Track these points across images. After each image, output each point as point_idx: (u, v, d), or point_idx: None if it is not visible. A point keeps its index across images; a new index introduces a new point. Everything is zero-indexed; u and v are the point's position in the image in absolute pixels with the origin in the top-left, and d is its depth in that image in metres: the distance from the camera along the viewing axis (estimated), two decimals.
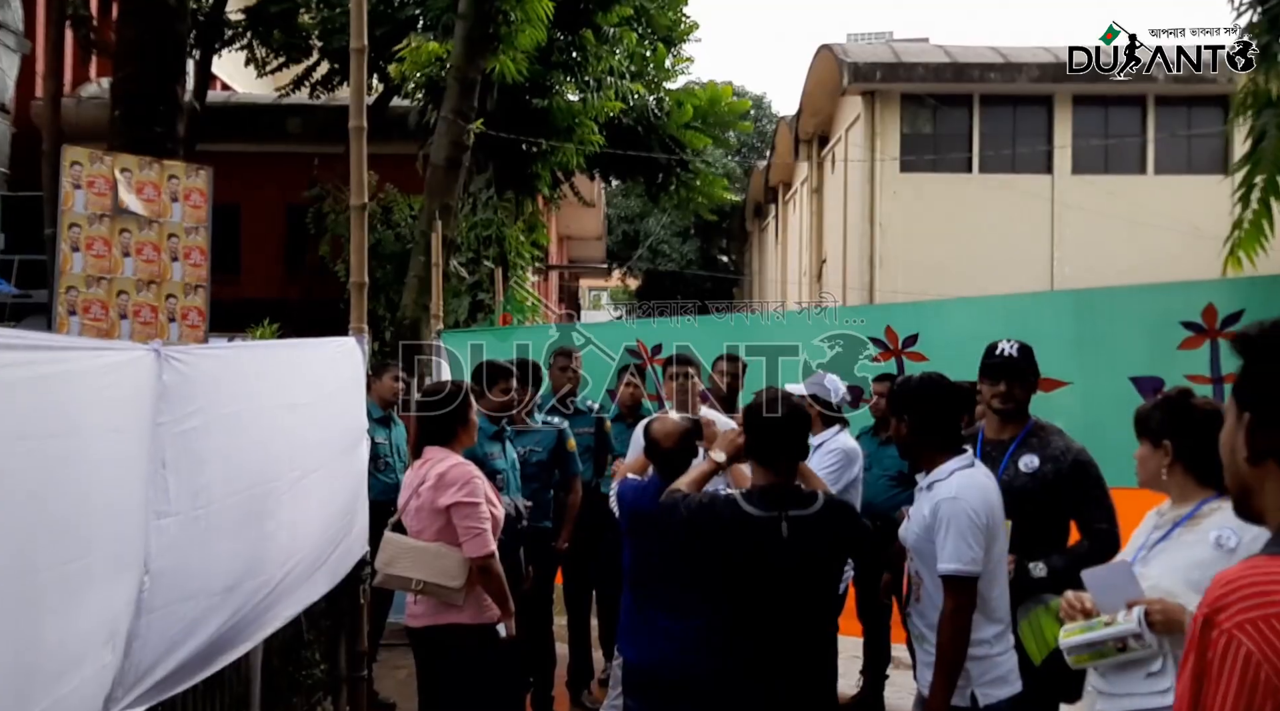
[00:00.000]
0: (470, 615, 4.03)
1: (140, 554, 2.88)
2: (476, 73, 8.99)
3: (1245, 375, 1.54)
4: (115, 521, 2.76)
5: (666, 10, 15.10)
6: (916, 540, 3.41)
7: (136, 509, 2.88)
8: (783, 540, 3.27)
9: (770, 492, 3.35)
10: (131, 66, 6.60)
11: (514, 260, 12.80)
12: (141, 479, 2.91)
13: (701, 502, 3.42)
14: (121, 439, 2.80)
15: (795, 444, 3.43)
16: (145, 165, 5.39)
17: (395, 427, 6.54)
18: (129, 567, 2.83)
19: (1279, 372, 1.48)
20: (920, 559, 3.43)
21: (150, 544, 2.93)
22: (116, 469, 2.77)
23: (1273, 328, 1.53)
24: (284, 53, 14.72)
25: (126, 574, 2.82)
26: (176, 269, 5.45)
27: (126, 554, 2.81)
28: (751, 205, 32.94)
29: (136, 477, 2.89)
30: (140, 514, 2.90)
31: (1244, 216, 5.68)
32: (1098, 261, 18.07)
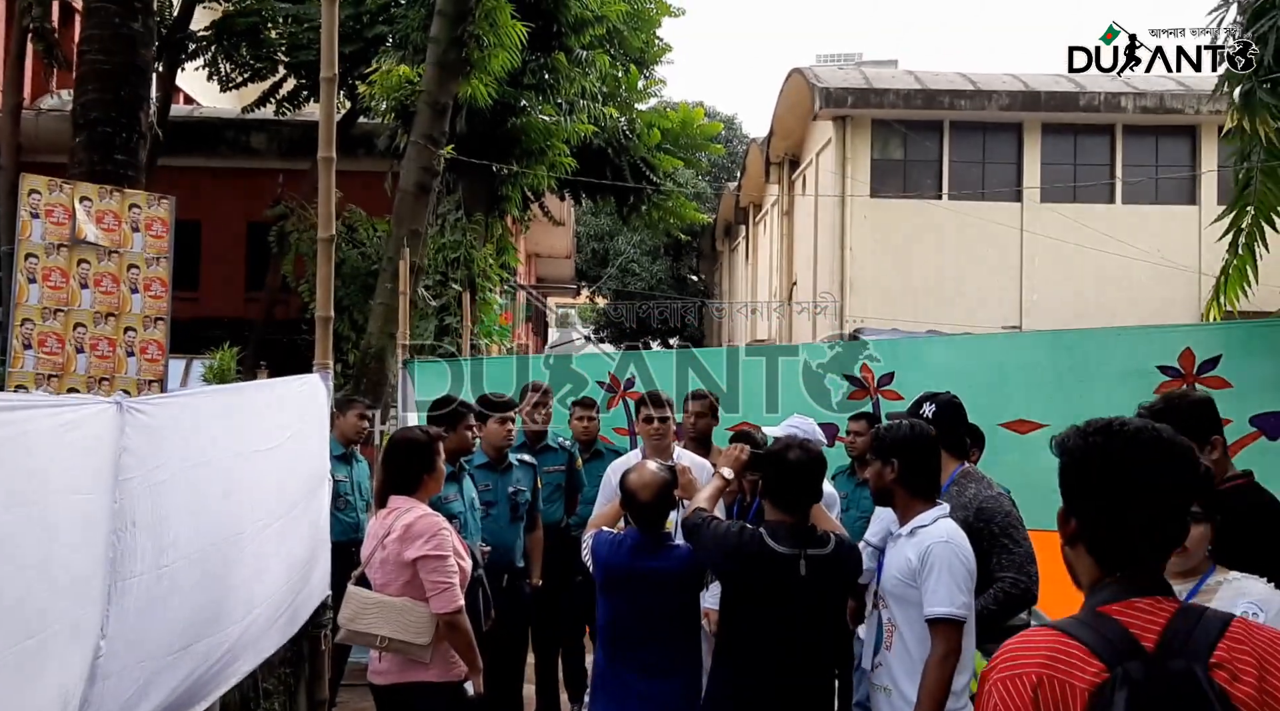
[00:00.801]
0: (437, 672, 3.88)
1: (99, 620, 2.72)
2: (448, 97, 8.86)
3: (1060, 472, 1.78)
4: (75, 589, 2.61)
5: (639, 32, 15.05)
6: (896, 586, 3.40)
7: (98, 572, 2.72)
8: (800, 577, 3.38)
9: (791, 531, 3.45)
10: (94, 92, 6.40)
11: (482, 283, 12.65)
12: (104, 540, 2.75)
13: (731, 529, 3.53)
14: (83, 500, 2.65)
15: (814, 487, 3.54)
16: (106, 194, 5.21)
17: (357, 465, 6.38)
18: (86, 635, 2.67)
19: (1074, 477, 1.75)
20: (899, 605, 3.40)
21: (111, 608, 2.77)
22: (78, 532, 2.62)
23: (1082, 435, 1.75)
24: (249, 68, 14.50)
25: (83, 641, 2.66)
26: (136, 300, 5.26)
27: (85, 621, 2.66)
28: (722, 225, 32.95)
29: (99, 539, 2.73)
30: (102, 577, 2.74)
31: (1230, 262, 5.69)
32: (1066, 290, 18.19)
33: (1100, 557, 1.72)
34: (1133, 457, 1.69)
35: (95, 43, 6.50)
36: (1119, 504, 1.69)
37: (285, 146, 17.68)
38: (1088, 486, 1.72)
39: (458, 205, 12.80)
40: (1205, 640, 1.60)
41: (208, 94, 19.56)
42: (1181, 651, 1.58)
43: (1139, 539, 1.69)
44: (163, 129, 11.57)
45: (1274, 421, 5.12)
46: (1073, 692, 1.58)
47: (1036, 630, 1.73)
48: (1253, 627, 1.66)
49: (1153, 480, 1.68)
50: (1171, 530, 1.71)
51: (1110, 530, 1.70)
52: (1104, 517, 1.70)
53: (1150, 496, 1.68)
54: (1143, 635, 1.61)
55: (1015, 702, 1.61)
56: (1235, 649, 1.60)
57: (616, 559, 3.78)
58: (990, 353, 6.27)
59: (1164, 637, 1.60)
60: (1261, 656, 1.60)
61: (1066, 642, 1.63)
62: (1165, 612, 1.63)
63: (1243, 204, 5.80)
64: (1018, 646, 1.68)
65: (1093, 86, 18.96)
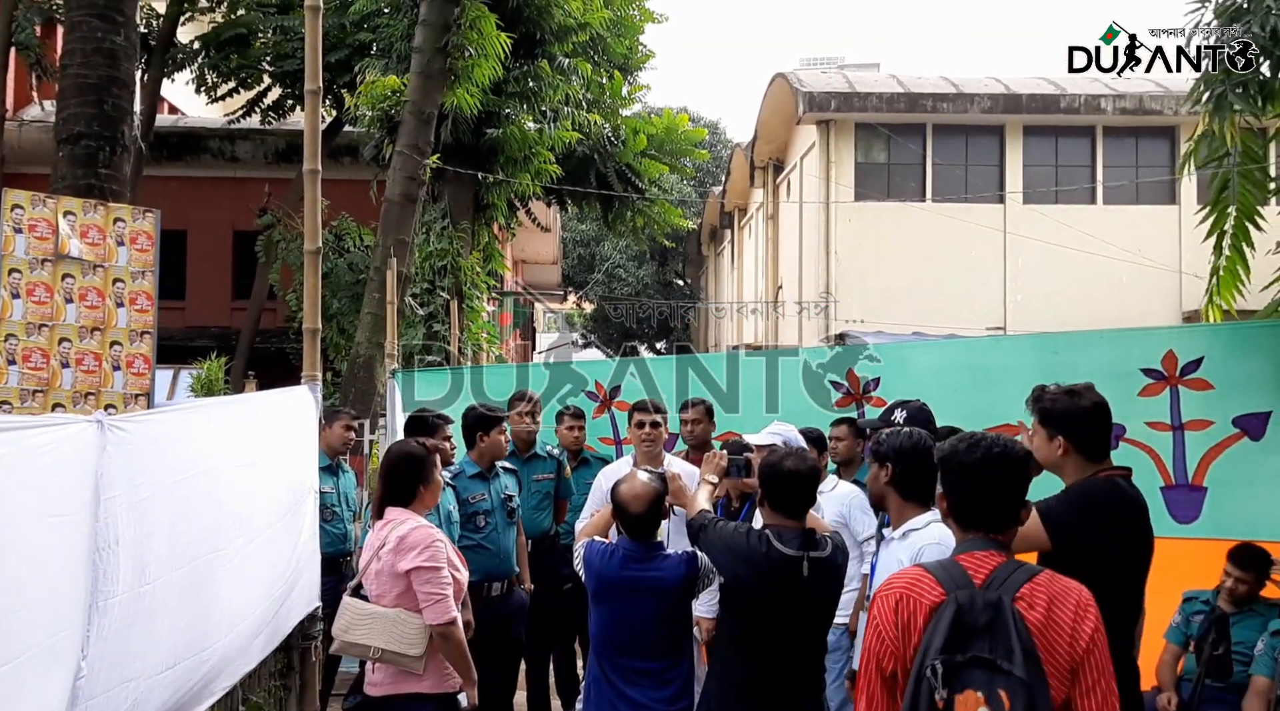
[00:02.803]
0: (431, 684, 3.88)
1: (78, 642, 2.71)
2: (433, 107, 8.88)
3: (939, 468, 2.60)
4: (54, 612, 2.58)
5: (622, 39, 15.10)
6: None
7: (78, 594, 2.71)
8: (803, 579, 3.47)
9: (794, 534, 3.54)
10: (76, 105, 6.38)
11: (469, 291, 12.66)
12: (84, 561, 2.74)
13: (739, 531, 3.64)
14: (62, 522, 2.64)
15: (812, 493, 3.67)
16: (90, 208, 5.19)
17: (343, 476, 6.37)
18: (65, 659, 2.65)
19: (944, 472, 2.56)
20: None
21: (91, 630, 2.76)
22: (57, 555, 2.60)
23: (951, 445, 2.55)
24: (235, 78, 14.49)
25: (63, 666, 2.65)
26: (122, 315, 5.25)
27: (63, 645, 2.64)
28: (707, 229, 32.99)
29: (79, 560, 2.72)
30: (82, 599, 2.73)
31: (1219, 264, 5.74)
32: (1049, 290, 18.26)
33: (961, 524, 2.51)
34: (976, 461, 2.48)
35: (77, 56, 6.47)
36: (965, 490, 2.50)
37: (271, 155, 17.69)
38: (951, 478, 2.52)
39: (444, 213, 12.81)
40: (1016, 582, 2.35)
41: (193, 104, 19.54)
42: (999, 587, 2.33)
43: (979, 514, 2.48)
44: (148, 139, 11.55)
45: (1256, 422, 5.17)
46: (919, 606, 2.35)
47: (910, 567, 2.59)
48: (1054, 577, 2.39)
49: (985, 475, 2.47)
50: (1001, 509, 2.48)
51: (961, 508, 2.50)
52: (958, 499, 2.51)
53: (983, 485, 2.48)
54: (975, 574, 2.38)
55: (884, 611, 2.40)
56: (1036, 589, 2.35)
57: (609, 568, 3.79)
58: (976, 356, 6.31)
59: (990, 577, 2.36)
60: (1053, 596, 2.35)
61: (923, 575, 2.42)
62: (994, 562, 2.40)
63: (1222, 206, 5.85)
64: (895, 576, 2.51)
65: (1073, 88, 19.08)
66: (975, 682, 2.20)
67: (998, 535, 2.47)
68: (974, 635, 2.24)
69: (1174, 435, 5.37)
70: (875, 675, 2.41)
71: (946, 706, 2.19)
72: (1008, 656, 2.20)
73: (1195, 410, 5.32)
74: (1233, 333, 5.54)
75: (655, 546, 3.90)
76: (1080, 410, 3.40)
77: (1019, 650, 2.21)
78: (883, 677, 2.39)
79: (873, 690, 2.42)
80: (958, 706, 2.18)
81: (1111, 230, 18.14)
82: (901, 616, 2.36)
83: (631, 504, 3.83)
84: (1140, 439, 5.38)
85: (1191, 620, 5.03)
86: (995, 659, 2.21)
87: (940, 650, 2.23)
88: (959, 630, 2.25)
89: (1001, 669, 2.19)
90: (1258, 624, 4.81)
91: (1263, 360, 5.21)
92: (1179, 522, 5.31)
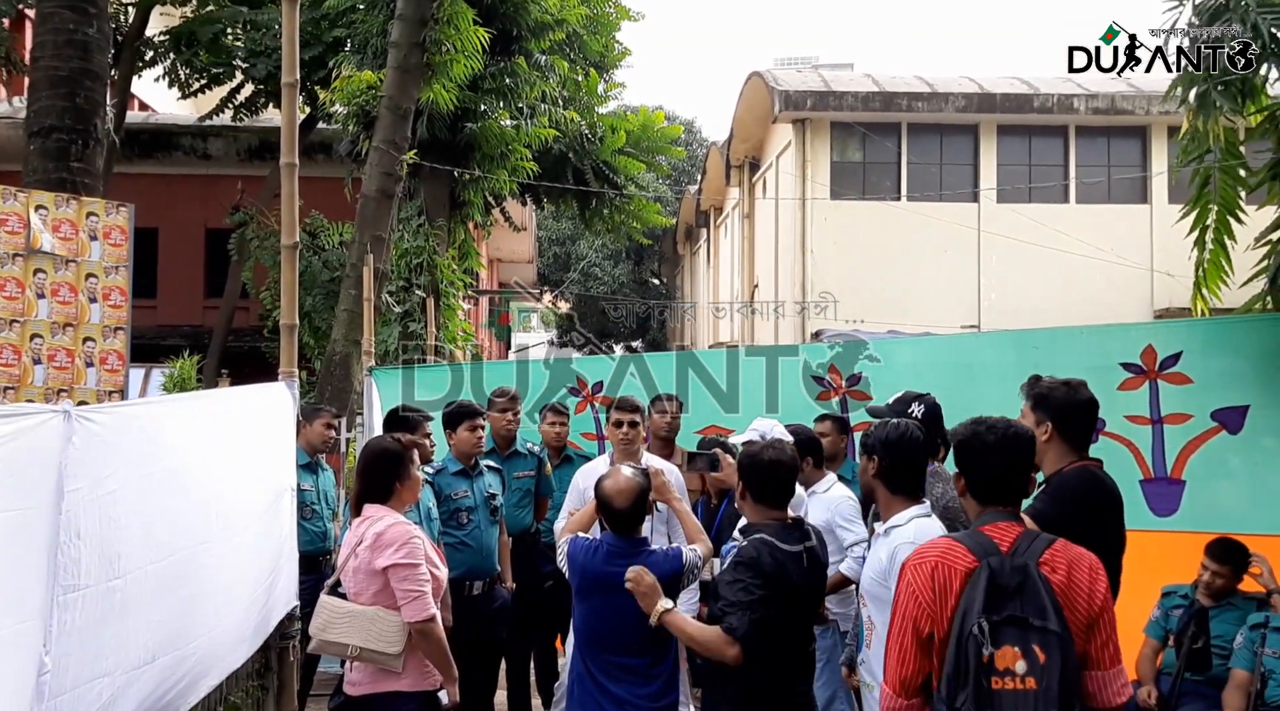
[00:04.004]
0: (410, 681, 3.82)
1: (40, 635, 2.65)
2: (410, 102, 8.80)
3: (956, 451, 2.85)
4: (14, 605, 2.52)
5: (598, 37, 15.06)
6: (871, 584, 3.50)
7: (37, 587, 2.64)
8: (804, 570, 3.48)
9: (786, 528, 3.53)
10: (48, 98, 6.26)
11: (445, 289, 12.59)
12: (46, 554, 2.68)
13: (748, 571, 3.41)
14: (22, 515, 2.58)
15: (792, 482, 3.65)
16: (62, 202, 5.10)
17: (322, 474, 6.31)
18: (25, 651, 2.58)
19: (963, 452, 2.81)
20: (875, 604, 3.49)
21: (53, 624, 2.70)
22: (16, 547, 2.54)
23: (967, 426, 2.82)
24: (208, 74, 14.32)
25: (22, 657, 2.58)
26: (95, 310, 5.16)
27: (22, 637, 2.58)
28: (683, 228, 32.99)
29: (40, 554, 2.66)
30: (42, 592, 2.66)
31: (1203, 258, 5.77)
32: (1023, 289, 18.39)
33: (979, 499, 2.76)
34: (996, 441, 2.74)
35: (49, 48, 6.36)
36: (986, 469, 2.74)
37: (244, 152, 17.54)
38: (972, 459, 2.77)
39: (420, 211, 12.73)
40: (1038, 548, 2.59)
41: (164, 101, 19.34)
42: (1024, 553, 2.57)
43: (999, 490, 2.74)
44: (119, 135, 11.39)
45: (1234, 416, 5.21)
46: (954, 572, 2.57)
47: (938, 538, 2.81)
48: (1068, 545, 2.64)
49: (1002, 454, 2.74)
50: (1015, 484, 2.75)
51: (982, 485, 2.76)
52: (979, 477, 2.76)
53: (1000, 463, 2.74)
54: (1000, 542, 2.61)
55: (920, 578, 2.61)
56: (1055, 555, 2.59)
57: (593, 564, 3.76)
58: (957, 352, 6.33)
59: (1014, 545, 2.60)
60: (1070, 561, 2.60)
61: (955, 544, 2.64)
62: (1015, 532, 2.65)
63: (1204, 202, 5.88)
64: (926, 546, 2.74)
65: (1046, 88, 19.23)
66: (1011, 639, 2.43)
67: (1013, 508, 2.76)
68: (1006, 597, 2.48)
69: (1153, 429, 5.41)
70: (910, 636, 2.61)
71: (989, 660, 2.42)
72: (1040, 614, 2.45)
73: (1174, 404, 5.35)
74: (1211, 327, 5.57)
75: (639, 542, 3.87)
76: (1074, 402, 3.53)
77: (1050, 608, 2.46)
78: (918, 639, 2.59)
79: (905, 649, 2.62)
80: (997, 660, 2.42)
81: (1084, 229, 18.29)
82: (938, 582, 2.57)
83: (616, 499, 3.79)
84: (1120, 432, 5.41)
85: (1170, 614, 5.05)
86: (1028, 617, 2.44)
87: (981, 611, 2.45)
88: (993, 592, 2.48)
89: (1034, 626, 2.43)
90: (1236, 617, 4.84)
91: (1241, 354, 5.26)
92: (1158, 516, 5.35)
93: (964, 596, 2.52)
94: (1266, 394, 5.16)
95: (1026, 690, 2.40)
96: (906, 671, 2.62)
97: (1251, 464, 5.20)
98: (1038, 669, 2.40)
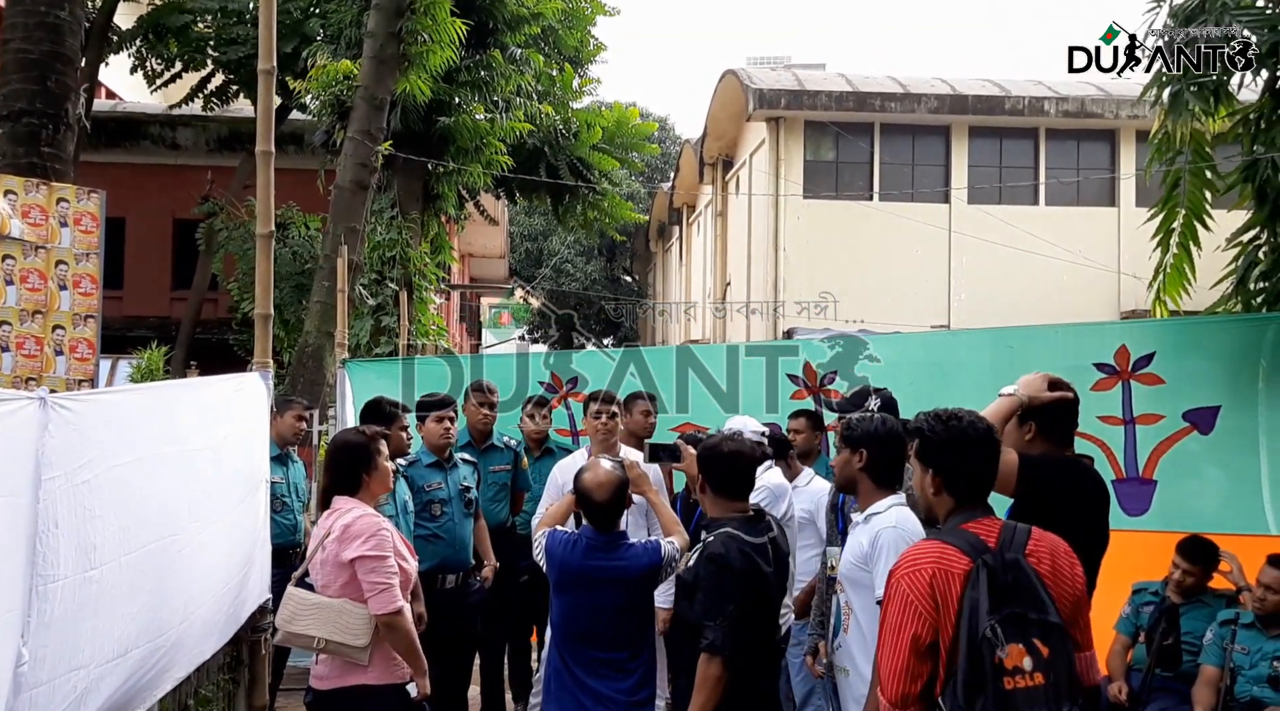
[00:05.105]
0: (377, 675, 3.76)
1: (17, 628, 2.60)
2: (385, 93, 8.73)
3: (927, 448, 2.78)
4: None
5: (574, 31, 15.01)
6: (851, 569, 3.54)
7: (16, 578, 2.60)
8: (769, 559, 3.47)
9: (749, 520, 3.52)
10: (18, 82, 6.14)
11: (418, 282, 12.50)
12: (25, 545, 2.63)
13: (717, 567, 3.42)
14: (3, 503, 2.53)
15: (752, 474, 3.65)
16: (32, 187, 5.01)
17: (293, 466, 6.25)
18: (3, 643, 2.54)
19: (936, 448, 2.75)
20: (854, 589, 3.54)
21: (32, 615, 2.65)
22: None
23: (937, 420, 2.76)
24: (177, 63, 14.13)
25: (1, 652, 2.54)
26: (65, 298, 5.07)
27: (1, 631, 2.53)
28: (655, 225, 32.98)
29: (19, 544, 2.61)
30: (20, 583, 2.62)
31: (1165, 261, 5.82)
32: (991, 289, 18.53)
33: (956, 497, 2.72)
34: (974, 436, 2.72)
35: (19, 30, 6.24)
36: (963, 463, 2.71)
37: (213, 142, 17.33)
38: (952, 456, 2.72)
39: (393, 203, 12.64)
40: (1021, 541, 2.61)
41: (131, 89, 19.08)
42: (1010, 547, 2.58)
43: (974, 483, 2.72)
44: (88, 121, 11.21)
45: (1206, 416, 5.26)
46: (953, 576, 2.53)
47: (924, 542, 2.74)
48: (1043, 533, 2.68)
49: (985, 450, 2.74)
50: (988, 478, 2.76)
51: (963, 482, 2.71)
52: (960, 474, 2.71)
53: (983, 459, 2.73)
54: (987, 539, 2.60)
55: (918, 586, 2.56)
56: (1037, 545, 2.64)
57: (571, 558, 3.75)
58: (932, 350, 6.36)
59: (1000, 540, 2.60)
60: (1051, 549, 2.65)
61: (946, 547, 2.60)
62: (996, 526, 2.65)
63: (1172, 204, 5.94)
64: (916, 553, 2.67)
65: (1017, 91, 19.38)
66: (1014, 636, 2.43)
67: (984, 500, 2.77)
68: (1005, 593, 2.48)
69: (1125, 429, 5.46)
70: (908, 649, 2.56)
71: (1000, 662, 2.41)
72: (1038, 607, 2.47)
73: (1147, 404, 5.40)
74: (1184, 328, 5.63)
75: (618, 536, 3.86)
76: (1059, 402, 3.51)
77: (1047, 600, 2.49)
78: (917, 651, 2.55)
79: (902, 662, 2.57)
80: (1006, 660, 2.42)
81: (1053, 231, 18.47)
82: (938, 588, 2.54)
83: (596, 492, 3.78)
84: (1092, 433, 5.45)
85: (1141, 611, 5.11)
86: (1026, 612, 2.46)
87: (988, 612, 2.44)
88: (994, 591, 2.48)
89: (1032, 619, 2.45)
90: (1206, 614, 4.90)
91: (1213, 355, 5.31)
92: (1129, 515, 5.40)
93: (966, 598, 2.49)
94: (1238, 395, 5.21)
95: (1037, 685, 2.40)
96: (907, 686, 2.57)
97: (1222, 464, 5.26)
98: (1043, 662, 2.41)
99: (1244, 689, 4.56)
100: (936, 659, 2.55)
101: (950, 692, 2.49)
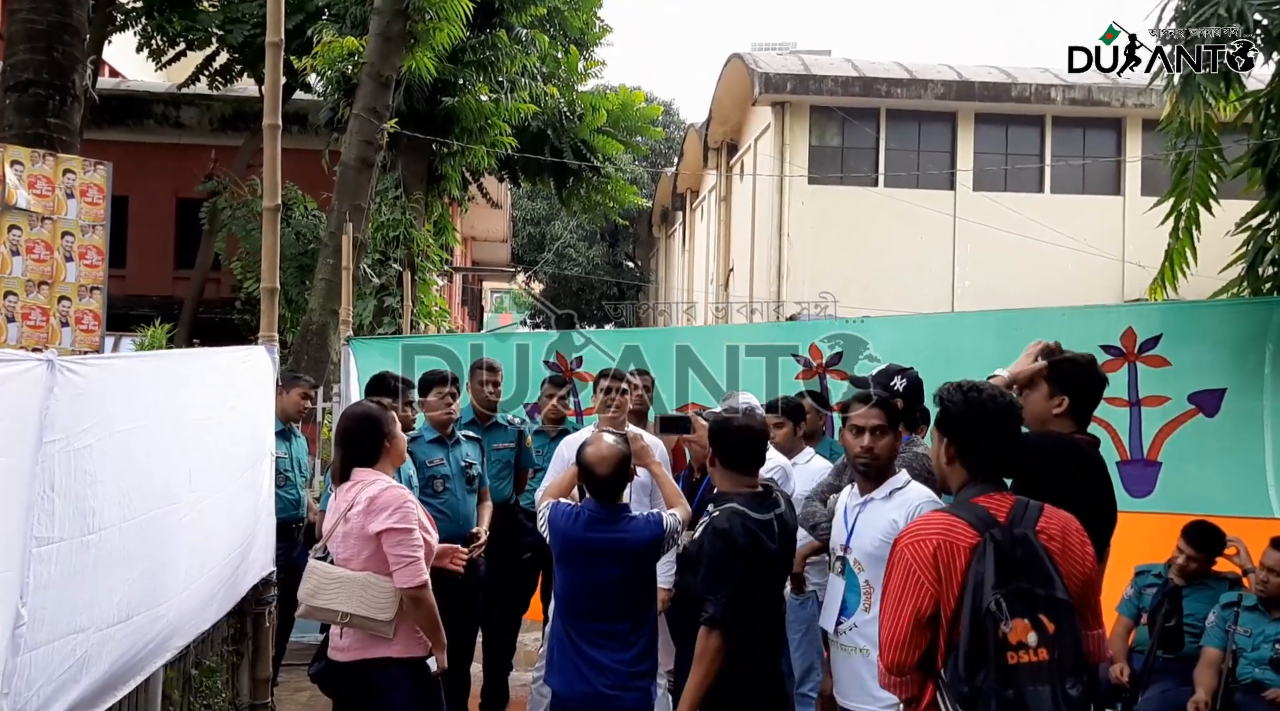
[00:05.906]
0: (400, 648, 3.76)
1: (16, 589, 2.60)
2: (392, 70, 8.70)
3: (945, 417, 2.78)
4: None
5: (580, 12, 14.96)
6: (878, 547, 3.45)
7: (14, 538, 2.60)
8: (775, 536, 3.47)
9: (756, 496, 3.52)
10: (25, 52, 6.12)
11: (422, 263, 12.48)
12: (22, 504, 2.63)
13: (720, 540, 3.41)
14: (6, 462, 2.53)
15: (763, 449, 3.64)
16: (39, 158, 5.00)
17: (295, 440, 6.25)
18: (2, 602, 2.54)
19: (954, 419, 2.74)
20: (878, 567, 3.41)
21: (29, 575, 2.65)
22: None
23: (959, 392, 2.75)
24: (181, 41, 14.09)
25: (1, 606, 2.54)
26: (71, 269, 5.07)
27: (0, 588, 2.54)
28: (658, 211, 32.91)
29: (18, 505, 2.61)
30: (18, 543, 2.62)
31: (1172, 247, 5.81)
32: (996, 276, 18.49)
33: (969, 469, 2.72)
34: (995, 410, 2.70)
35: (26, 1, 6.22)
36: (979, 435, 2.71)
37: (217, 122, 17.30)
38: (973, 427, 2.71)
39: (397, 183, 12.62)
40: (1032, 517, 2.61)
41: (134, 67, 19.02)
42: (1020, 523, 2.58)
43: (988, 457, 2.71)
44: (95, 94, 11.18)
45: (1211, 399, 5.25)
46: (959, 549, 2.54)
47: (933, 513, 2.79)
48: (1055, 511, 2.67)
49: (1007, 424, 2.72)
50: (1007, 453, 2.73)
51: (983, 455, 2.71)
52: (980, 447, 2.71)
53: (1004, 434, 2.72)
54: (997, 514, 2.60)
55: (921, 557, 2.57)
56: (1048, 522, 2.62)
57: (574, 530, 3.75)
58: (939, 332, 6.34)
59: (1010, 515, 2.60)
60: (1062, 526, 2.64)
61: (954, 519, 2.61)
62: (1008, 502, 2.65)
63: (1181, 189, 5.92)
64: (922, 523, 2.71)
65: (1024, 78, 19.30)
66: (1020, 611, 2.43)
67: (999, 475, 2.75)
68: (1012, 568, 2.48)
69: (1131, 411, 5.44)
70: (908, 620, 2.57)
71: (1004, 637, 2.42)
72: (1046, 583, 2.47)
73: (1152, 386, 5.39)
74: (1191, 311, 5.61)
75: (620, 508, 3.86)
76: (1093, 378, 3.51)
77: (1055, 576, 2.50)
78: (918, 623, 2.56)
79: (901, 632, 2.58)
80: (1010, 635, 2.43)
81: (1058, 218, 18.42)
82: (942, 560, 2.55)
83: (598, 466, 3.78)
84: (1098, 414, 5.40)
85: (1144, 593, 5.11)
86: (1033, 587, 2.46)
87: (994, 586, 2.45)
88: (1001, 565, 2.48)
89: (1039, 595, 2.45)
90: (1208, 597, 4.90)
91: (1219, 339, 5.29)
92: (1134, 497, 5.39)
93: (971, 572, 2.50)
94: (1243, 378, 5.20)
95: (1040, 661, 2.40)
96: (905, 655, 2.59)
97: (1227, 447, 5.25)
98: (1048, 638, 2.42)
99: (1246, 671, 4.57)
100: (937, 630, 2.55)
101: (952, 665, 2.49)
